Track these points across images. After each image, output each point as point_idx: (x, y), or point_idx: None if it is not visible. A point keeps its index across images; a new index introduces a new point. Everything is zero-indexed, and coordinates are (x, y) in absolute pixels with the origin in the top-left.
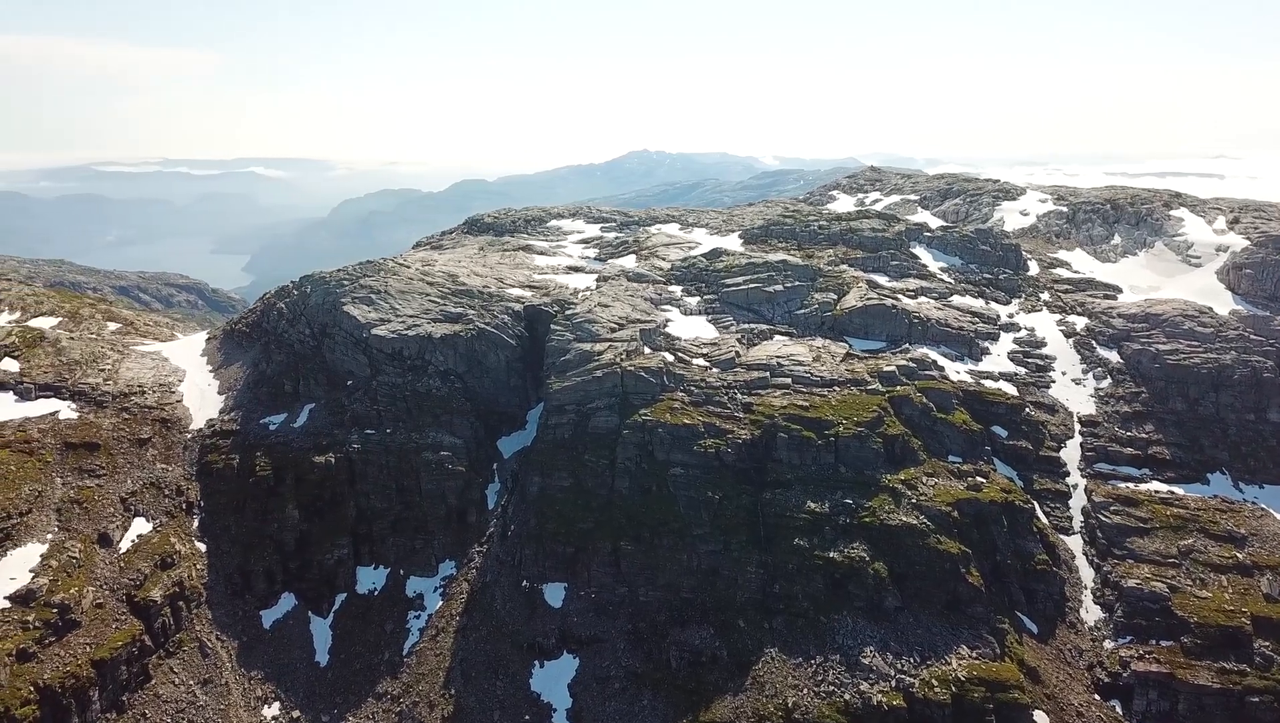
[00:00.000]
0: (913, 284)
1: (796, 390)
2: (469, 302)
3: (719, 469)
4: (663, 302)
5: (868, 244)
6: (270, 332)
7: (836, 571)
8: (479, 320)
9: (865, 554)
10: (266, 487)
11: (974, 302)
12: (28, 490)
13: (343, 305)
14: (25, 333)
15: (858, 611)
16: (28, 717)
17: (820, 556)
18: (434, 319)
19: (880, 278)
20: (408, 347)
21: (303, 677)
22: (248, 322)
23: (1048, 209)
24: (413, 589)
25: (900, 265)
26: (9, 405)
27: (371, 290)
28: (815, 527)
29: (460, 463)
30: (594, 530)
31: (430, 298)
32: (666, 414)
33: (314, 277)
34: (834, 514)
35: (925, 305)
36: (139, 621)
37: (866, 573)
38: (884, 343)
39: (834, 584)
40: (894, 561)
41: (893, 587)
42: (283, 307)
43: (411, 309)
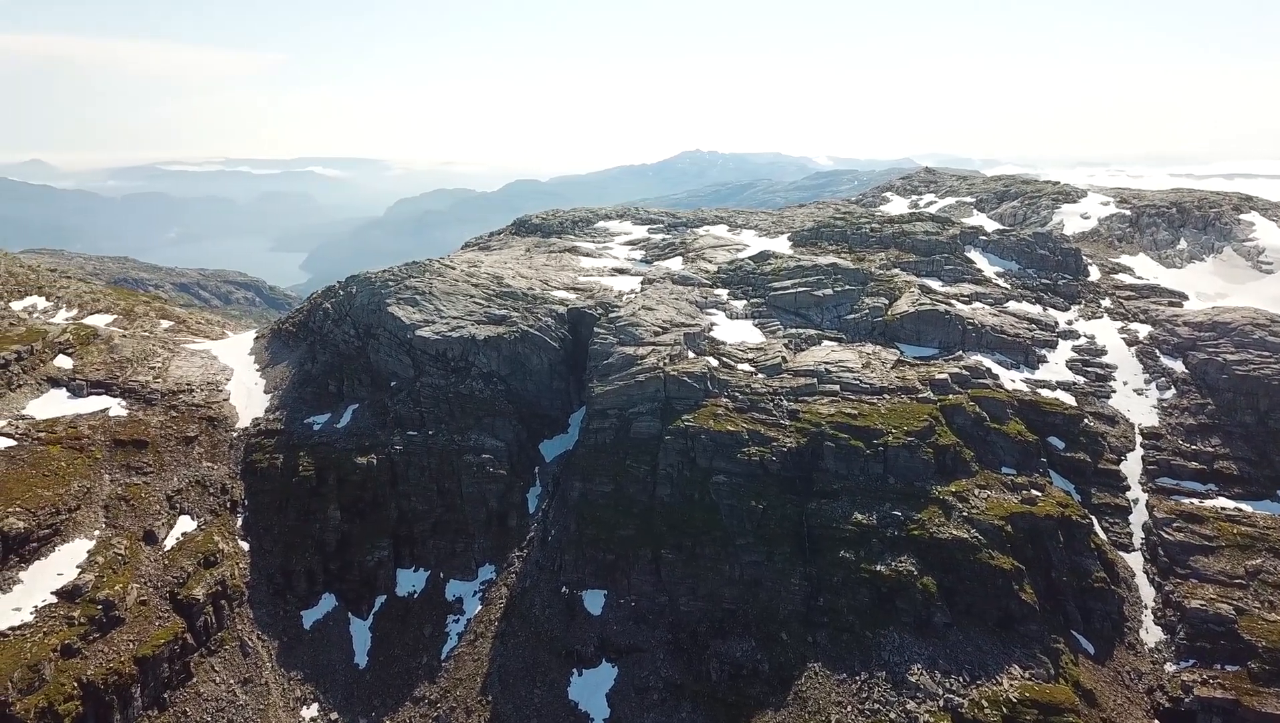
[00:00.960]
0: (967, 289)
1: (845, 398)
2: (513, 304)
3: (763, 478)
4: (708, 305)
5: (921, 247)
6: (316, 331)
7: (883, 584)
8: (522, 322)
9: (914, 568)
10: (309, 487)
11: (1031, 308)
12: (77, 487)
13: (388, 306)
14: (79, 330)
15: (905, 626)
16: (71, 713)
17: (867, 568)
18: (478, 321)
19: (933, 282)
20: (451, 348)
21: (341, 678)
22: (295, 321)
23: (1110, 212)
24: (452, 593)
25: (954, 270)
26: (61, 402)
27: (416, 291)
28: (862, 539)
29: (501, 466)
30: (634, 538)
31: (474, 299)
32: (710, 421)
33: (360, 277)
34: (882, 526)
35: (980, 311)
36: (181, 618)
37: (915, 588)
38: (936, 350)
39: (880, 599)
40: (943, 575)
41: (942, 603)
42: (329, 307)
43: (456, 310)
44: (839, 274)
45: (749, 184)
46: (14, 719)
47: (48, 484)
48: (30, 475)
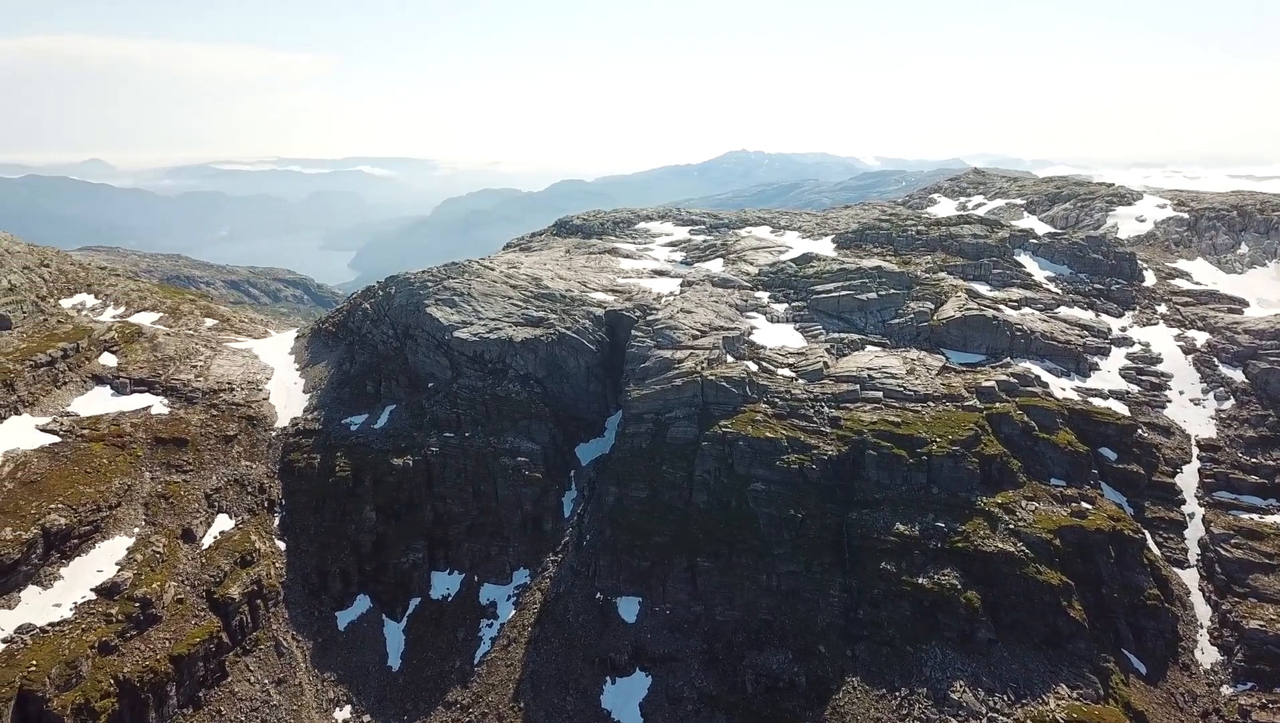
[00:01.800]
0: (1016, 294)
1: (888, 405)
2: (551, 305)
3: (802, 486)
4: (748, 308)
5: (968, 251)
6: (355, 332)
7: (925, 598)
8: (560, 325)
9: (957, 582)
10: (345, 487)
11: (1083, 314)
12: (118, 484)
13: (426, 307)
14: (124, 328)
15: (947, 642)
16: (107, 710)
17: (908, 581)
18: (515, 322)
19: (981, 287)
20: (489, 350)
21: (374, 681)
22: (334, 321)
23: (1166, 215)
24: (486, 597)
25: (1003, 274)
26: (105, 399)
27: (455, 292)
28: (904, 550)
29: (537, 470)
30: (670, 545)
31: (513, 301)
32: (748, 426)
33: (399, 278)
34: (924, 538)
35: (1029, 317)
36: (217, 617)
37: (958, 602)
38: (983, 356)
39: (922, 612)
40: (988, 590)
41: (986, 618)
42: (368, 307)
43: (494, 312)
44: (883, 277)
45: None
46: (51, 716)
47: (89, 481)
48: (73, 472)
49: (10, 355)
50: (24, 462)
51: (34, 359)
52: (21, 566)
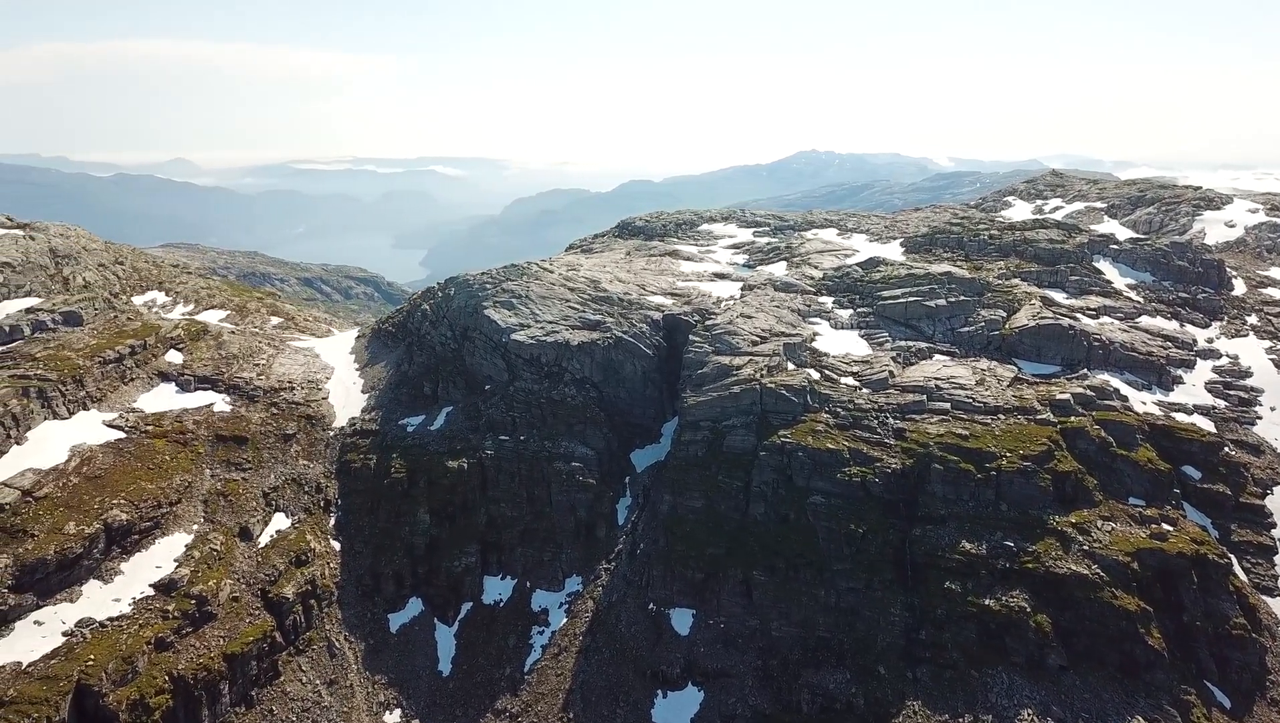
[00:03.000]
0: (1094, 302)
1: (956, 417)
2: (608, 309)
3: (864, 500)
4: (811, 313)
5: (1044, 256)
6: (414, 333)
7: (992, 620)
8: (617, 328)
9: (1026, 604)
10: (400, 489)
11: (1166, 324)
12: (179, 481)
13: (484, 309)
14: (191, 326)
15: (1015, 667)
16: (161, 706)
17: (974, 602)
18: (573, 326)
19: (1057, 294)
20: (545, 353)
21: (425, 685)
22: (394, 322)
23: (1258, 220)
24: (538, 603)
25: (1080, 281)
26: (170, 396)
27: (513, 295)
28: (970, 570)
29: (591, 475)
30: (725, 557)
31: (570, 304)
32: (808, 437)
33: (458, 279)
34: (992, 557)
35: (1108, 326)
36: (271, 616)
37: (1027, 626)
38: (1058, 367)
39: (989, 635)
40: (1060, 614)
41: (1057, 643)
42: (427, 308)
43: (551, 315)
44: (953, 284)
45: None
46: (107, 711)
47: (151, 478)
48: (135, 468)
49: (80, 352)
50: (90, 457)
51: (103, 356)
52: (84, 559)
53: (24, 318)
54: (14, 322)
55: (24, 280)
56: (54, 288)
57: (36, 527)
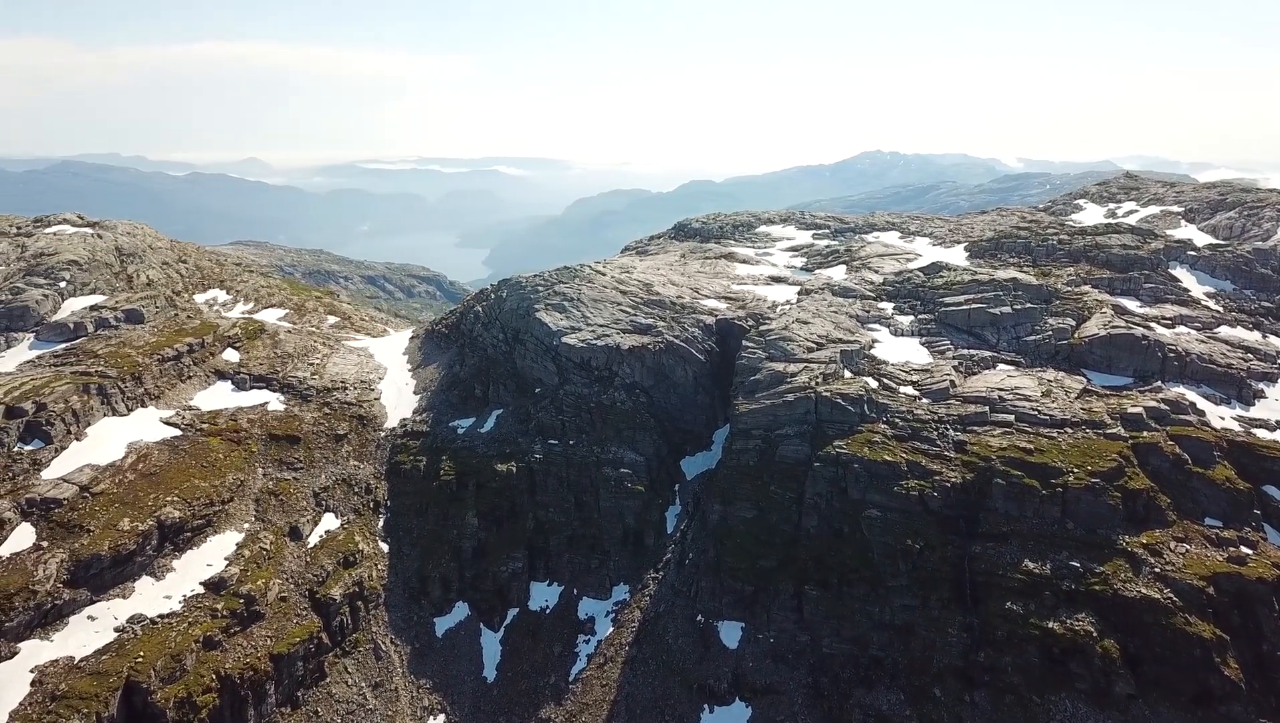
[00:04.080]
0: (1170, 311)
1: (1020, 430)
2: (660, 312)
3: (921, 514)
4: (870, 320)
5: (1116, 263)
6: (466, 334)
7: (1056, 643)
8: (668, 333)
9: (1092, 628)
10: (449, 492)
11: (1247, 335)
12: (231, 479)
13: (535, 312)
14: (248, 325)
15: (1079, 693)
16: (208, 705)
17: (1037, 624)
18: (624, 330)
19: (1129, 302)
20: (596, 357)
21: (469, 691)
22: (447, 323)
23: None
24: (584, 611)
25: (1155, 288)
26: (226, 394)
27: (565, 297)
28: (1032, 590)
29: (640, 482)
30: (776, 569)
31: (622, 307)
32: (864, 448)
33: (511, 281)
34: (1056, 578)
35: (1184, 337)
36: (318, 617)
37: (1093, 650)
38: (1130, 379)
39: (1051, 659)
40: (1128, 639)
41: (1125, 671)
42: (480, 310)
43: (602, 318)
44: (1019, 290)
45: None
46: (155, 708)
47: (205, 476)
48: (190, 466)
49: (140, 349)
50: (146, 454)
51: (162, 353)
52: (137, 556)
53: (88, 315)
54: (79, 319)
55: (90, 278)
56: (118, 286)
57: (92, 523)
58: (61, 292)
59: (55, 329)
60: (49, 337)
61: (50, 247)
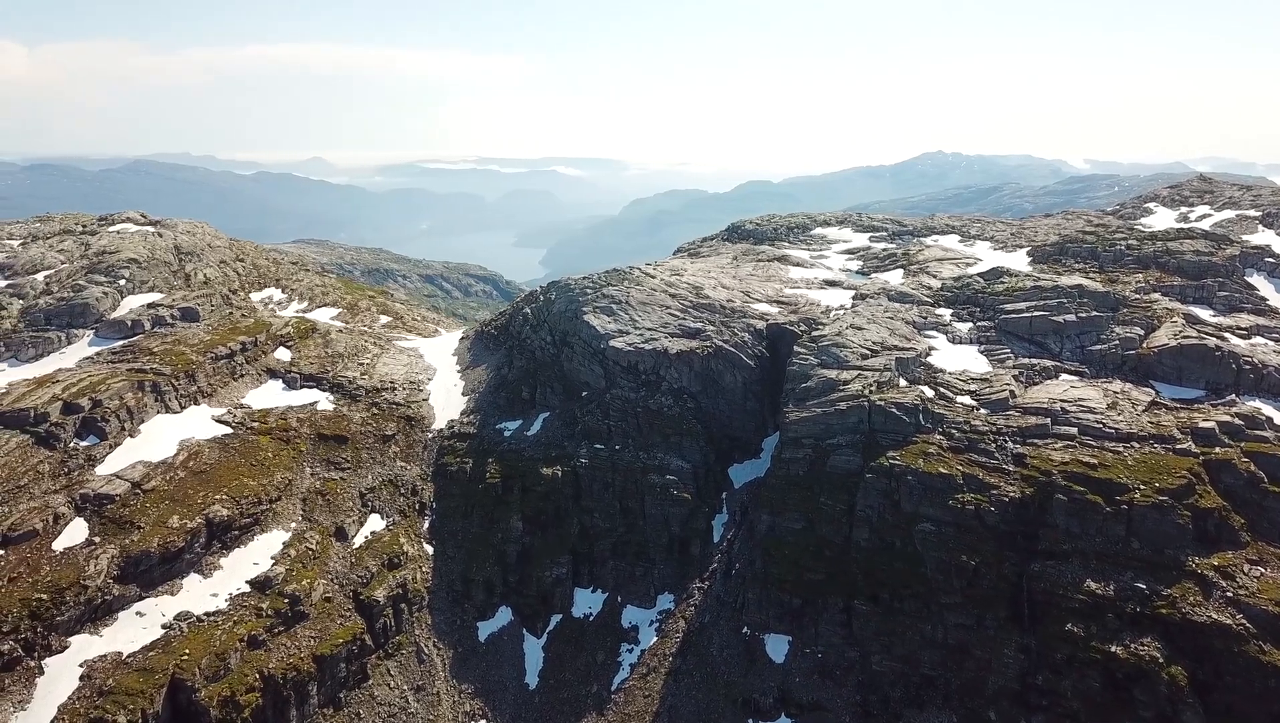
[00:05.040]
0: (1245, 321)
1: (1083, 443)
2: (709, 316)
3: (977, 530)
4: (927, 326)
5: (1188, 269)
6: (515, 336)
7: (1119, 668)
8: (717, 337)
9: (1158, 654)
10: (495, 495)
11: None
12: (279, 478)
13: (583, 314)
14: (300, 324)
15: (1143, 722)
16: (251, 704)
17: (1099, 647)
18: (672, 333)
19: (1202, 311)
20: (643, 361)
21: (511, 698)
22: (497, 325)
23: None
24: (628, 620)
25: (1230, 297)
26: (276, 393)
27: (613, 300)
28: (1095, 612)
29: (686, 489)
30: (825, 583)
31: (670, 311)
32: (919, 459)
33: (560, 283)
34: (1120, 599)
35: (1261, 348)
36: (362, 619)
37: (1158, 677)
38: (1202, 392)
39: (1114, 685)
40: (1197, 666)
41: (1193, 698)
42: (529, 312)
43: (650, 321)
44: (1085, 297)
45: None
46: (199, 706)
47: (254, 474)
48: (239, 465)
49: (194, 347)
50: (197, 451)
51: (215, 351)
52: (185, 553)
53: (145, 313)
54: (136, 316)
55: (149, 276)
56: (176, 284)
57: (143, 519)
58: (121, 289)
59: (114, 326)
60: (108, 334)
61: (112, 245)
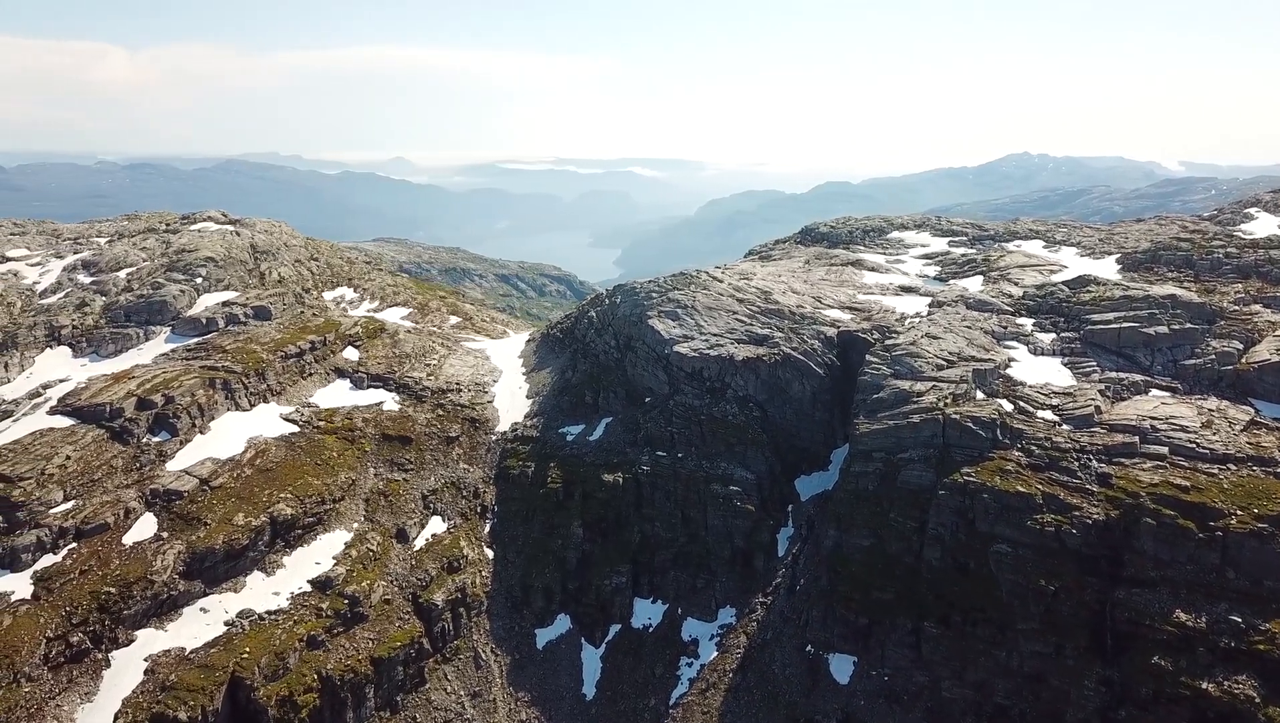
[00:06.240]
0: None
1: (1174, 464)
2: (778, 322)
3: (1057, 552)
4: (1007, 336)
5: None
6: (580, 340)
7: (1210, 707)
8: (785, 344)
9: (1255, 693)
10: (555, 500)
11: None
12: (344, 478)
13: (648, 319)
14: (369, 324)
15: None
16: (309, 705)
17: (1188, 683)
18: (738, 340)
19: None
20: (708, 367)
21: (567, 708)
22: (562, 327)
23: None
24: (688, 633)
25: None
26: (344, 392)
27: (678, 305)
28: (1184, 645)
29: (750, 501)
30: (893, 603)
31: (737, 316)
32: (995, 477)
33: (625, 287)
34: (1213, 633)
35: None
36: (420, 622)
37: (1254, 718)
38: None
39: None
40: None
41: None
42: (594, 315)
43: (716, 327)
44: (1178, 308)
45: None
46: (257, 705)
47: (318, 473)
48: (304, 463)
49: (265, 346)
50: (264, 449)
51: (285, 350)
52: (249, 551)
53: (220, 311)
54: (211, 314)
55: (224, 274)
56: (251, 282)
57: (209, 516)
58: (197, 287)
59: (189, 324)
60: (183, 331)
61: (191, 243)
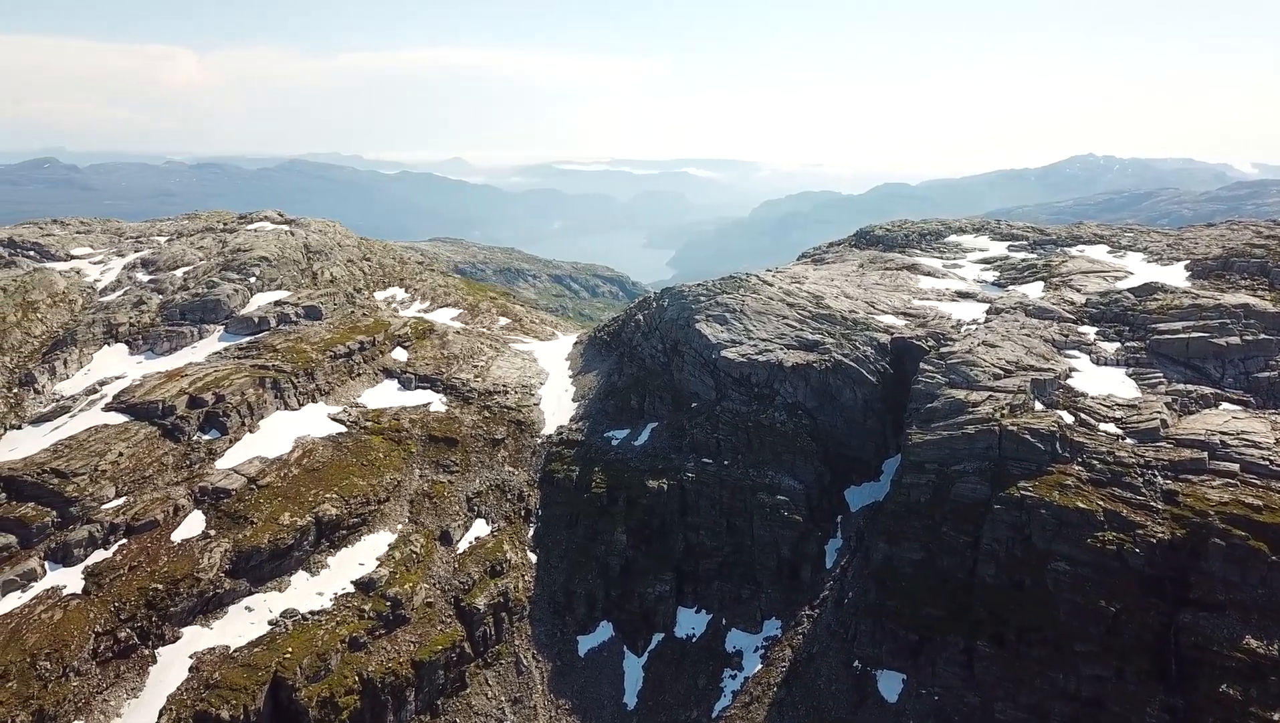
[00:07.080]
0: None
1: (1245, 482)
2: (829, 328)
3: (1119, 572)
4: (1068, 346)
5: None
6: (626, 343)
7: None
8: (837, 351)
9: None
10: (599, 505)
11: None
12: (389, 479)
13: (695, 323)
14: (418, 324)
15: None
16: (349, 707)
17: (1260, 714)
18: (787, 345)
19: None
20: (756, 373)
21: (608, 717)
22: (609, 331)
23: None
24: (732, 644)
25: None
26: (391, 393)
27: (727, 309)
28: (1255, 673)
29: (798, 511)
30: (945, 620)
31: (787, 321)
32: (1054, 491)
33: (673, 290)
34: None
35: None
36: (462, 626)
37: None
38: None
39: None
40: None
41: None
42: (641, 319)
43: (765, 332)
44: (1251, 318)
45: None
46: (298, 705)
47: (364, 474)
48: (350, 464)
49: (315, 345)
50: (311, 449)
51: (334, 350)
52: (294, 551)
53: (272, 310)
54: (263, 313)
55: (277, 274)
56: (303, 282)
57: (256, 514)
58: (251, 286)
59: (242, 322)
60: (236, 329)
61: (246, 243)
